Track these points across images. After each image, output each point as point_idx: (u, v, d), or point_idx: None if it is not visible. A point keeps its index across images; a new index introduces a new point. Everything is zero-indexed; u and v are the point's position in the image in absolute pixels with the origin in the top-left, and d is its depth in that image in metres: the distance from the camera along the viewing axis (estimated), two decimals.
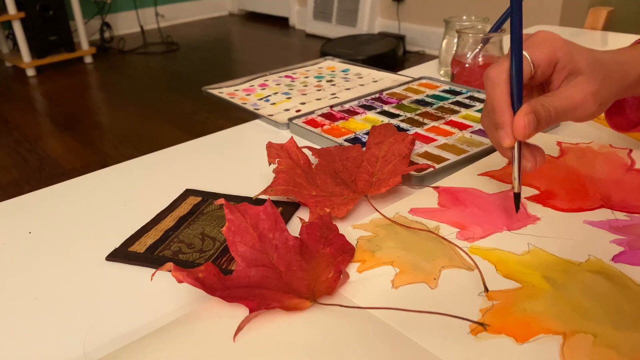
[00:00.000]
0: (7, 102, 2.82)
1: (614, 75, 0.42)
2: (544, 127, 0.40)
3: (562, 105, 0.40)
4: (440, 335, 0.32)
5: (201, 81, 2.80)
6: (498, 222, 0.44)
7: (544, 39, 0.41)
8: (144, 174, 0.57)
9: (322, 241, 0.41)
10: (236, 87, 0.82)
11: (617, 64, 0.42)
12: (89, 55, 3.47)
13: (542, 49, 0.41)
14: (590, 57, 0.41)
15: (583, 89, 0.40)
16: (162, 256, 0.42)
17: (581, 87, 0.40)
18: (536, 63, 0.41)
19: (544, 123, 0.40)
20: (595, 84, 0.40)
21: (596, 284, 0.36)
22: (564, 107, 0.40)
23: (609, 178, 0.49)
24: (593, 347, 0.31)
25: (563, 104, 0.40)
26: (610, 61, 0.42)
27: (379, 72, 0.86)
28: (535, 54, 0.41)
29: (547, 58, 0.41)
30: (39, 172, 2.05)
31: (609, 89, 0.41)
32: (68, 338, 0.35)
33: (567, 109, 0.40)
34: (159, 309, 0.37)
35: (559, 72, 0.41)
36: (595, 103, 0.40)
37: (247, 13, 4.71)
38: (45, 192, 0.54)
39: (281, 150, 0.52)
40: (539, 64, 0.41)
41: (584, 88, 0.40)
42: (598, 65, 0.41)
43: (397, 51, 3.07)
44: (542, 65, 0.41)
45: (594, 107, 0.40)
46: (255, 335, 0.33)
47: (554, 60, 0.41)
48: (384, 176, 0.49)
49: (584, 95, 0.40)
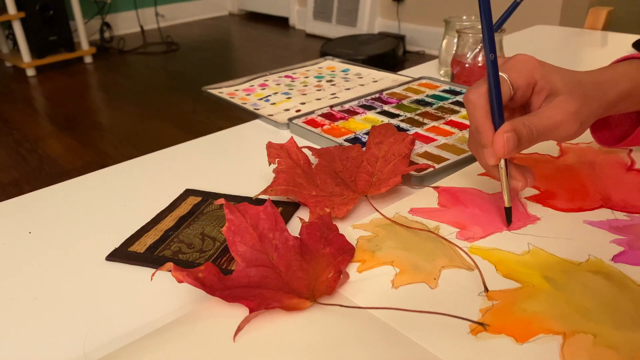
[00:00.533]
0: (7, 102, 2.82)
1: (594, 95, 0.42)
2: (527, 145, 0.41)
3: (543, 124, 0.40)
4: (440, 335, 0.32)
5: (201, 81, 2.81)
6: (498, 222, 0.44)
7: (521, 62, 0.42)
8: (144, 174, 0.57)
9: (322, 241, 0.41)
10: (236, 87, 0.82)
11: (595, 84, 0.43)
12: (89, 55, 3.47)
13: (519, 72, 0.42)
14: (568, 78, 0.42)
15: (563, 109, 0.40)
16: (162, 256, 0.42)
17: (561, 106, 0.41)
18: (515, 85, 0.42)
19: (526, 141, 0.40)
20: (575, 103, 0.41)
21: (596, 284, 0.36)
22: (545, 126, 0.40)
23: (609, 178, 0.49)
24: (593, 347, 0.31)
25: (544, 122, 0.40)
26: (588, 82, 0.43)
27: (379, 72, 0.86)
28: (513, 76, 0.42)
29: (525, 80, 0.42)
30: (39, 172, 2.05)
31: (589, 108, 0.42)
32: (68, 338, 0.35)
33: (549, 128, 0.41)
34: (159, 309, 0.37)
35: (537, 93, 0.42)
36: (576, 122, 0.41)
37: (247, 13, 4.71)
38: (45, 192, 0.54)
39: (281, 150, 0.52)
40: (518, 86, 0.42)
41: (564, 107, 0.40)
42: (577, 86, 0.42)
43: (397, 51, 3.07)
44: (521, 87, 0.42)
45: (575, 126, 0.41)
46: (255, 335, 0.33)
47: (532, 82, 0.42)
48: (384, 176, 0.49)
49: (565, 115, 0.40)
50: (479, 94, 0.42)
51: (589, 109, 0.42)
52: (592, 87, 0.43)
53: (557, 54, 0.96)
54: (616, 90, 0.44)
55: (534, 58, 0.42)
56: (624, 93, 0.44)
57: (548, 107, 0.41)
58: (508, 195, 0.42)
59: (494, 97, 0.41)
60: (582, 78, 0.43)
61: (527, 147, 0.41)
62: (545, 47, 0.99)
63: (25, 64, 3.20)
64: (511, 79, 0.42)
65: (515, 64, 0.42)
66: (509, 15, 0.66)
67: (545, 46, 1.00)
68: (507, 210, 0.43)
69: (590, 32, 1.05)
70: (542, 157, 0.54)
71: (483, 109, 0.41)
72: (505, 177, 0.42)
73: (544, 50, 0.97)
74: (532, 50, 0.96)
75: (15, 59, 3.30)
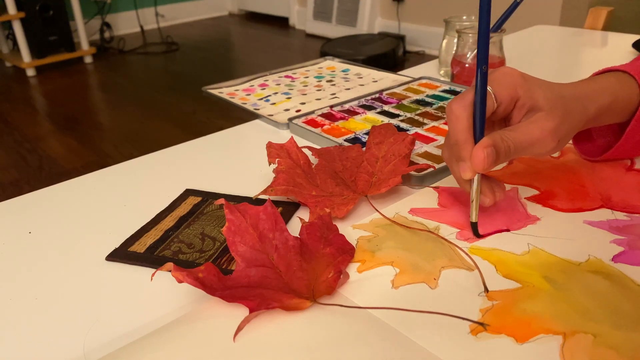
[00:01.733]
0: (7, 102, 2.82)
1: (574, 111, 0.42)
2: (503, 160, 0.40)
3: (520, 140, 0.40)
4: (440, 335, 0.32)
5: (201, 81, 2.81)
6: (498, 222, 0.44)
7: (505, 76, 0.42)
8: (144, 174, 0.57)
9: (322, 241, 0.41)
10: (236, 87, 0.82)
11: (576, 99, 0.43)
12: (89, 55, 3.47)
13: (504, 86, 0.41)
14: (550, 93, 0.42)
15: (542, 126, 0.40)
16: (162, 256, 0.42)
17: (540, 123, 0.40)
18: (499, 99, 0.41)
19: (503, 156, 0.40)
20: (554, 121, 0.41)
21: (596, 284, 0.36)
22: (523, 142, 0.40)
23: (609, 178, 0.49)
24: (593, 347, 0.31)
25: (522, 138, 0.40)
26: (569, 97, 0.43)
27: (379, 72, 0.86)
28: (498, 89, 0.41)
29: (509, 95, 0.41)
30: (39, 172, 2.05)
31: (568, 125, 0.42)
32: (68, 338, 0.35)
33: (526, 144, 0.40)
34: (159, 309, 0.37)
35: (519, 108, 0.42)
36: (554, 140, 0.41)
37: (247, 13, 4.71)
38: (45, 192, 0.54)
39: (281, 150, 0.52)
40: (501, 100, 0.41)
41: (543, 125, 0.40)
42: (558, 102, 0.41)
43: (397, 51, 3.07)
44: (504, 101, 0.41)
45: (553, 143, 0.41)
46: (255, 335, 0.33)
47: (515, 97, 0.41)
48: (384, 176, 0.49)
49: (543, 132, 0.40)
50: (464, 105, 0.41)
51: (567, 126, 0.42)
52: (573, 102, 0.42)
53: (557, 54, 0.96)
54: (596, 105, 0.44)
55: (517, 72, 0.42)
56: (604, 107, 0.44)
57: (527, 123, 0.41)
58: (476, 211, 0.42)
59: (479, 111, 0.40)
60: (564, 92, 0.43)
61: (503, 162, 0.41)
62: (545, 47, 0.99)
63: (25, 64, 3.20)
64: (495, 92, 0.41)
65: (500, 77, 0.42)
66: (509, 15, 0.66)
67: (545, 46, 1.00)
68: (474, 225, 0.42)
69: (590, 32, 1.05)
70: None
71: (466, 121, 0.41)
72: (477, 192, 0.42)
73: (544, 50, 0.97)
74: (532, 50, 0.96)
75: (15, 59, 3.30)
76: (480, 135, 0.41)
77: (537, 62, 0.89)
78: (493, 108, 0.41)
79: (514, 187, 0.48)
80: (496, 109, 0.42)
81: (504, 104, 0.42)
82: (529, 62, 0.88)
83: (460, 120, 0.41)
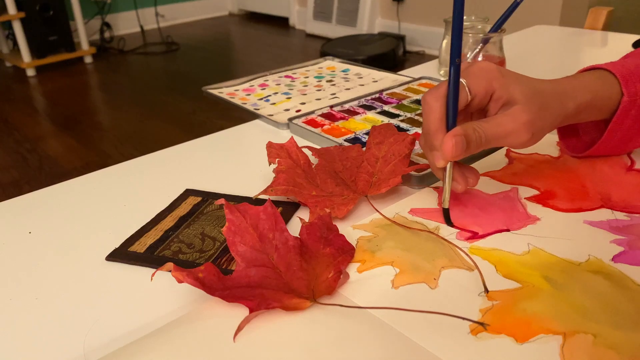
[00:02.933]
0: (7, 102, 2.82)
1: (551, 106, 0.43)
2: (474, 150, 0.42)
3: (493, 131, 0.42)
4: (440, 335, 0.32)
5: (201, 81, 2.80)
6: (498, 222, 0.44)
7: (482, 70, 0.43)
8: (144, 174, 0.57)
9: (322, 241, 0.41)
10: (236, 87, 0.82)
11: (555, 94, 0.44)
12: (89, 55, 3.47)
13: (479, 79, 0.43)
14: (527, 88, 0.43)
15: (516, 119, 0.42)
16: (162, 256, 0.42)
17: (514, 116, 0.42)
18: (473, 92, 0.43)
19: (474, 146, 0.41)
20: (529, 114, 0.42)
21: (596, 284, 0.36)
22: (495, 133, 0.42)
23: (609, 178, 0.49)
24: (593, 347, 0.31)
25: (494, 130, 0.42)
26: (548, 92, 0.44)
27: (379, 72, 0.86)
28: (473, 82, 0.43)
29: (483, 88, 0.43)
30: (39, 172, 2.05)
31: (543, 119, 0.43)
32: (68, 338, 0.35)
33: (498, 136, 0.42)
34: (159, 309, 0.37)
35: (495, 101, 0.43)
36: (528, 132, 0.42)
37: (247, 13, 4.71)
38: (45, 192, 0.54)
39: (281, 150, 0.52)
40: (476, 93, 0.43)
41: (517, 117, 0.42)
42: (535, 97, 0.42)
43: (397, 51, 3.07)
44: (479, 94, 0.43)
45: (526, 136, 0.42)
46: (255, 335, 0.33)
47: (490, 90, 0.43)
48: (384, 176, 0.49)
49: (516, 125, 0.41)
50: (437, 97, 0.42)
51: (543, 121, 0.43)
52: (551, 97, 0.43)
53: (557, 54, 0.96)
54: (575, 102, 0.45)
55: (495, 66, 0.43)
56: (584, 104, 0.45)
57: (501, 115, 0.42)
58: (448, 197, 0.43)
59: (451, 101, 0.42)
60: (542, 88, 0.44)
61: (476, 152, 0.42)
62: (545, 47, 0.99)
63: (25, 64, 3.20)
64: (470, 85, 0.43)
65: (476, 71, 0.43)
66: (509, 15, 0.66)
67: (545, 46, 1.00)
68: (445, 211, 0.44)
69: (590, 32, 1.05)
70: (542, 157, 0.54)
71: (438, 112, 0.42)
72: (449, 179, 0.43)
73: (544, 50, 0.97)
74: (532, 50, 0.96)
75: (15, 59, 3.30)
76: (452, 125, 0.42)
77: (537, 62, 0.89)
78: (467, 100, 0.43)
79: (514, 187, 0.48)
80: (470, 101, 0.43)
81: (479, 96, 0.43)
82: (529, 62, 0.88)
83: (433, 110, 0.42)
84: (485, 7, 2.65)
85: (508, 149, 0.55)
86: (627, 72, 0.46)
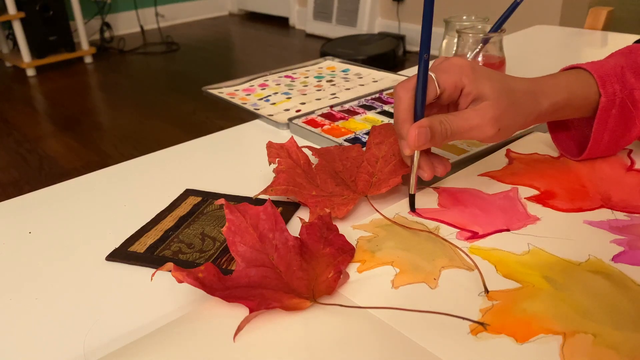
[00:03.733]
0: (7, 102, 2.82)
1: (522, 104, 0.45)
2: (440, 141, 0.43)
3: (458, 124, 0.43)
4: (440, 335, 0.32)
5: (201, 81, 2.81)
6: (498, 222, 0.44)
7: (453, 65, 0.45)
8: (144, 174, 0.57)
9: (322, 241, 0.41)
10: (236, 87, 0.82)
11: (528, 93, 0.45)
12: (89, 55, 3.47)
13: (449, 74, 0.44)
14: (498, 85, 0.44)
15: (482, 114, 0.43)
16: (162, 256, 0.42)
17: (481, 111, 0.43)
18: (442, 85, 0.44)
19: (439, 138, 0.43)
20: (496, 110, 0.43)
21: (596, 284, 0.36)
22: (460, 127, 0.43)
23: (609, 178, 0.49)
24: (593, 347, 0.31)
25: (460, 123, 0.43)
26: (520, 90, 0.45)
27: (379, 72, 0.86)
28: (443, 77, 0.44)
29: (453, 82, 0.44)
30: (39, 172, 2.05)
31: (512, 117, 0.44)
32: (68, 338, 0.35)
33: (464, 129, 0.43)
34: (159, 309, 0.37)
35: (465, 96, 0.44)
36: (493, 128, 0.43)
37: (247, 13, 4.71)
38: (45, 192, 0.54)
39: (281, 150, 0.52)
40: (445, 87, 0.44)
41: (484, 113, 0.43)
42: (505, 94, 0.44)
43: (397, 51, 3.07)
44: (448, 88, 0.44)
45: (492, 131, 0.43)
46: (255, 335, 0.33)
47: (460, 85, 0.44)
48: (384, 176, 0.49)
49: (482, 120, 0.43)
50: (407, 88, 0.44)
51: (511, 117, 0.44)
52: (524, 96, 0.45)
53: (557, 54, 0.96)
54: (550, 100, 0.46)
55: (467, 62, 0.45)
56: (560, 102, 0.46)
57: (469, 110, 0.44)
58: (414, 184, 0.46)
59: (420, 94, 0.43)
60: (514, 86, 0.45)
61: (442, 143, 0.44)
62: (545, 47, 0.99)
63: (25, 64, 3.20)
64: (439, 79, 0.44)
65: (448, 66, 0.45)
66: (509, 15, 0.66)
67: (545, 46, 1.00)
68: (411, 196, 0.46)
69: (590, 32, 1.05)
70: (542, 157, 0.54)
71: (407, 102, 0.44)
72: (415, 167, 0.46)
73: (544, 50, 0.97)
74: (532, 50, 0.96)
75: (15, 59, 3.30)
76: (420, 116, 0.44)
77: (537, 62, 0.89)
78: (436, 93, 0.44)
79: (514, 187, 0.48)
80: (440, 94, 0.44)
81: (448, 90, 0.44)
82: (529, 62, 0.88)
83: (402, 101, 0.44)
84: (485, 7, 2.65)
85: (508, 149, 0.55)
86: (605, 73, 0.47)
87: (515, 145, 0.57)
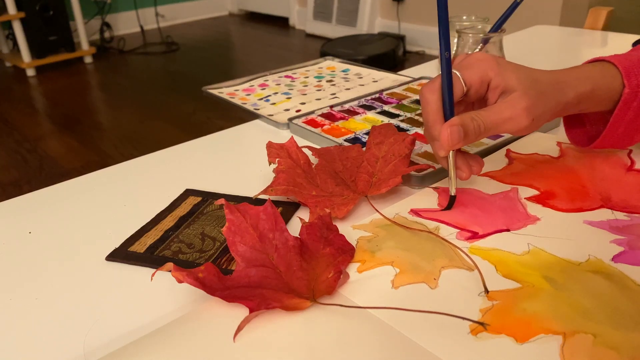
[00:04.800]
0: (7, 102, 2.82)
1: (549, 94, 0.44)
2: (474, 138, 0.43)
3: (492, 119, 0.43)
4: (440, 335, 0.32)
5: (201, 81, 2.81)
6: (498, 222, 0.44)
7: (477, 60, 0.44)
8: (144, 174, 0.57)
9: (322, 241, 0.41)
10: (236, 87, 0.82)
11: (554, 82, 0.45)
12: (89, 55, 3.47)
13: (474, 70, 0.44)
14: (524, 75, 0.43)
15: (514, 104, 0.42)
16: (162, 256, 0.42)
17: (513, 102, 0.42)
18: (468, 82, 0.44)
19: (473, 135, 0.42)
20: (528, 99, 0.42)
21: (596, 284, 0.36)
22: (494, 120, 0.43)
23: (609, 178, 0.49)
24: (593, 347, 0.31)
25: (493, 117, 0.43)
26: (546, 81, 0.44)
27: (379, 72, 0.86)
28: (467, 73, 0.44)
29: (479, 78, 0.44)
30: (39, 172, 2.05)
31: (543, 105, 0.43)
32: (68, 338, 0.35)
33: (497, 123, 0.43)
34: (159, 309, 0.37)
35: (493, 90, 0.44)
36: (528, 118, 0.42)
37: (247, 13, 4.71)
38: (45, 192, 0.54)
39: (281, 150, 0.52)
40: (471, 83, 0.44)
41: (516, 103, 0.42)
42: (533, 84, 0.43)
43: (397, 51, 3.07)
44: (474, 84, 0.44)
45: (526, 121, 0.43)
46: (255, 335, 0.33)
47: (486, 79, 0.44)
48: (384, 176, 0.49)
49: (515, 111, 0.42)
50: (432, 89, 0.44)
51: (542, 106, 0.43)
52: (550, 86, 0.44)
53: (557, 54, 0.96)
54: (576, 91, 0.45)
55: (491, 56, 0.44)
56: (585, 94, 0.45)
57: (500, 103, 0.43)
58: (454, 185, 0.45)
59: (446, 93, 0.43)
60: (540, 77, 0.44)
61: (476, 140, 0.43)
62: (545, 47, 0.99)
63: (25, 64, 3.19)
64: (464, 76, 0.43)
65: (471, 62, 0.44)
66: (509, 15, 0.66)
67: (545, 46, 1.00)
68: (452, 198, 0.46)
69: (590, 32, 1.05)
70: (542, 157, 0.54)
71: (435, 104, 0.43)
72: (453, 167, 0.45)
73: (544, 50, 0.97)
74: (532, 50, 0.96)
75: (15, 59, 3.30)
76: (450, 116, 0.43)
77: (537, 62, 0.89)
78: (462, 91, 0.44)
79: (514, 187, 0.48)
80: (467, 91, 0.44)
81: (475, 86, 0.44)
82: (529, 62, 0.88)
83: (430, 103, 0.44)
84: (485, 7, 2.65)
85: (508, 149, 0.55)
86: (630, 65, 0.46)
87: (515, 145, 0.57)
